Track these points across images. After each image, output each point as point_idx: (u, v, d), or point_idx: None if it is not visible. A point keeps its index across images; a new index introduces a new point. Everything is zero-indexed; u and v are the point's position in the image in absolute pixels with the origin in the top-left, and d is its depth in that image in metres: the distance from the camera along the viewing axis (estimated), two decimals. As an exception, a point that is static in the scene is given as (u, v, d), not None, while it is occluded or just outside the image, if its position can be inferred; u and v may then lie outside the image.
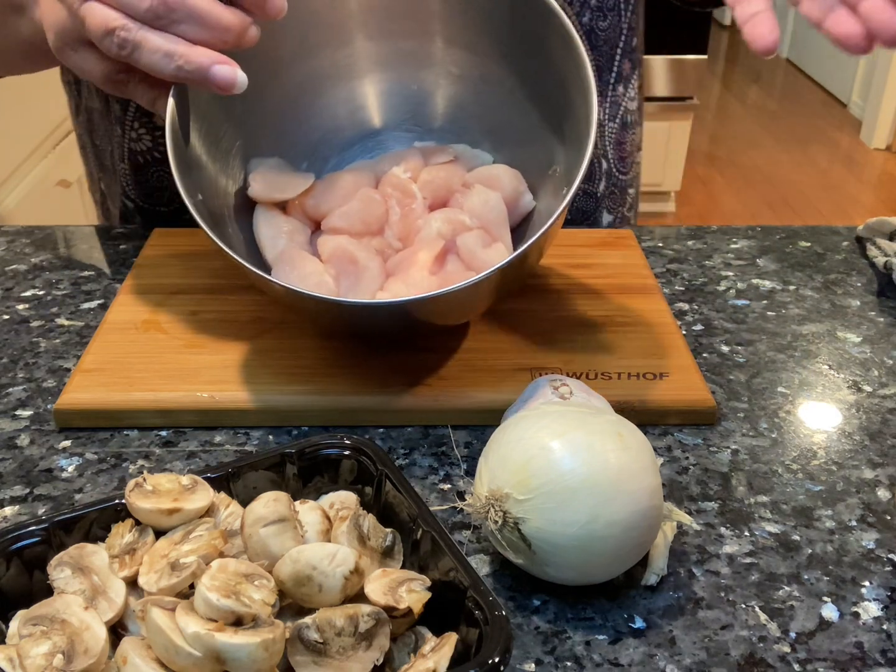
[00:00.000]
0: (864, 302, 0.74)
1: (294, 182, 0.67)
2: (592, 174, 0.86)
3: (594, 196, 0.87)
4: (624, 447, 0.45)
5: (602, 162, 0.86)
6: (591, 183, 0.86)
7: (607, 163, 0.86)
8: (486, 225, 0.64)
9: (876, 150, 3.61)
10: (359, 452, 0.48)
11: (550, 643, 0.45)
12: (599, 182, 0.87)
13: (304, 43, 0.67)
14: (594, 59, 0.82)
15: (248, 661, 0.36)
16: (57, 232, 0.83)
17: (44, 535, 0.43)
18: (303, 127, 0.70)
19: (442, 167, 0.68)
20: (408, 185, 0.67)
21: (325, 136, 0.71)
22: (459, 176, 0.67)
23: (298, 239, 0.65)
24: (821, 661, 0.45)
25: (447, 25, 0.68)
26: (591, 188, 0.87)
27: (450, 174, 0.67)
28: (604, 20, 0.80)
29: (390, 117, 0.72)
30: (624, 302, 0.69)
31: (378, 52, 0.70)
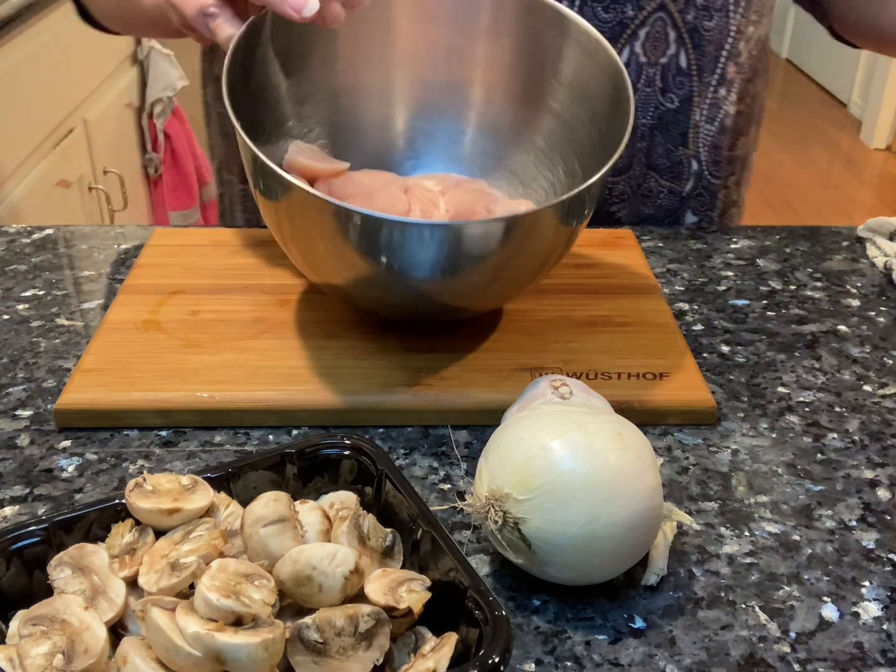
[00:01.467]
0: (864, 302, 0.74)
1: (330, 161, 0.69)
2: (680, 174, 0.86)
3: (679, 195, 0.87)
4: (624, 447, 0.45)
5: (692, 162, 0.85)
6: (677, 182, 0.86)
7: (698, 164, 0.86)
8: None
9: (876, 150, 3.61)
10: (359, 452, 0.48)
11: (550, 643, 0.45)
12: (687, 182, 0.86)
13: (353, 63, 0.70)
14: (696, 60, 0.81)
15: (248, 661, 0.36)
16: (57, 232, 0.83)
17: (44, 535, 0.43)
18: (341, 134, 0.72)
19: (470, 192, 0.69)
20: (434, 197, 0.68)
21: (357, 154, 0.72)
22: (485, 203, 0.68)
23: None
24: (821, 661, 0.45)
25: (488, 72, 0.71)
26: (678, 187, 0.86)
27: (476, 198, 0.68)
28: (710, 20, 0.80)
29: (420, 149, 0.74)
30: (624, 302, 0.69)
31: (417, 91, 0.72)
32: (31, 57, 1.61)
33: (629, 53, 0.79)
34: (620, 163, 0.83)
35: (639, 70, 0.80)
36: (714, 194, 0.88)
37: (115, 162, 1.96)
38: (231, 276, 0.72)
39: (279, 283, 0.70)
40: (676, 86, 0.82)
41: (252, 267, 0.73)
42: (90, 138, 1.86)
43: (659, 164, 0.85)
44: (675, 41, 0.80)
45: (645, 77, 0.81)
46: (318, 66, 0.70)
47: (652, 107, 0.82)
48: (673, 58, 0.81)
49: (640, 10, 0.78)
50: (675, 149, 0.85)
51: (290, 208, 0.57)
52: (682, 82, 0.82)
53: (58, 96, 1.74)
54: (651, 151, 0.84)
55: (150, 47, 2.12)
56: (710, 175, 0.87)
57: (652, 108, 0.82)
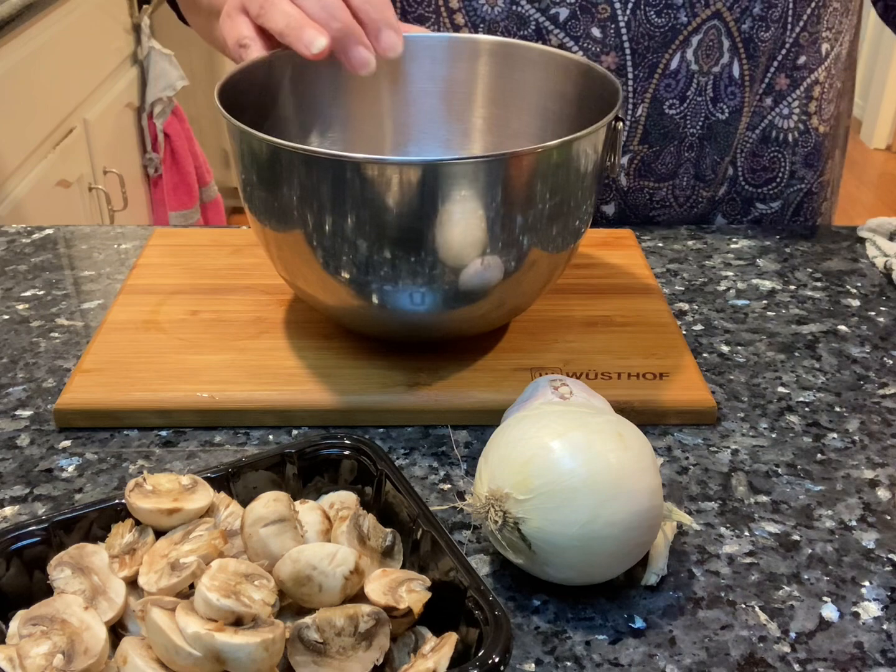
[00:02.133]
0: (864, 302, 0.74)
1: None
2: (719, 180, 0.86)
3: (712, 200, 0.87)
4: (624, 447, 0.45)
5: (728, 167, 0.85)
6: (708, 184, 0.85)
7: (734, 169, 0.85)
8: None
9: (876, 150, 3.61)
10: (359, 452, 0.48)
11: (550, 643, 0.45)
12: (720, 186, 0.86)
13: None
14: (749, 70, 0.80)
15: (248, 661, 0.36)
16: (57, 232, 0.83)
17: (44, 535, 0.43)
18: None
19: None
20: None
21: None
22: None
23: None
24: (821, 661, 0.45)
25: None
26: (714, 193, 0.86)
27: None
28: (766, 31, 0.79)
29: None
30: (624, 302, 0.69)
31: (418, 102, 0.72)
32: (31, 57, 1.61)
33: (680, 60, 0.78)
34: (663, 169, 0.83)
35: (689, 78, 0.80)
36: (749, 202, 0.88)
37: (115, 162, 1.96)
38: (231, 276, 0.72)
39: (279, 283, 0.70)
40: (728, 96, 0.81)
41: (252, 267, 0.73)
42: (90, 138, 1.86)
43: (706, 175, 0.85)
44: (728, 50, 0.79)
45: (696, 85, 0.80)
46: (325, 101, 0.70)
47: (702, 117, 0.82)
48: (726, 67, 0.80)
49: (693, 17, 0.77)
50: (722, 159, 0.84)
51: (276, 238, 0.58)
52: (733, 93, 0.81)
53: (58, 96, 1.74)
54: (700, 162, 0.83)
55: (150, 47, 2.12)
56: (746, 182, 0.86)
57: (702, 117, 0.82)
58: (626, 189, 0.84)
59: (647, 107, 0.80)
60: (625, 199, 0.85)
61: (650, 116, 0.81)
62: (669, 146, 0.82)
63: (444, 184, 0.52)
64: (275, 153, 0.54)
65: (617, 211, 0.86)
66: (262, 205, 0.57)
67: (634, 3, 0.76)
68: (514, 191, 0.54)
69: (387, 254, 0.54)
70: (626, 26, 0.77)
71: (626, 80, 0.79)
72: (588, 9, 0.76)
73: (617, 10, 0.76)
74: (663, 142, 0.82)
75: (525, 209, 0.55)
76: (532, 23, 0.77)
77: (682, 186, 0.84)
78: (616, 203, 0.85)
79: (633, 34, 0.77)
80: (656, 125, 0.81)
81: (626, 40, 0.77)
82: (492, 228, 0.54)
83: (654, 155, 0.83)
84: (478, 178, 0.52)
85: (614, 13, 0.76)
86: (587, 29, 0.77)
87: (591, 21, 0.77)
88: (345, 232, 0.54)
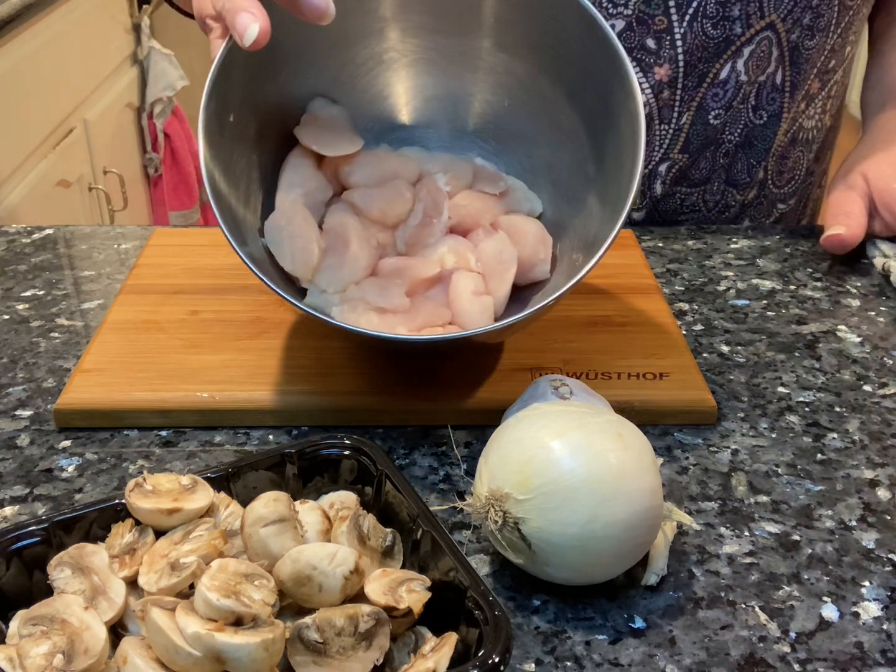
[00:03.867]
0: (864, 302, 0.74)
1: (341, 142, 0.65)
2: (749, 183, 0.86)
3: (741, 203, 0.87)
4: (624, 447, 0.45)
5: (759, 171, 0.85)
6: (739, 189, 0.85)
7: (764, 173, 0.85)
8: (488, 274, 0.62)
9: (876, 150, 3.60)
10: (359, 452, 0.48)
11: (550, 643, 0.45)
12: (751, 190, 0.86)
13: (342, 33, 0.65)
14: (790, 77, 0.80)
15: (248, 661, 0.36)
16: (57, 232, 0.83)
17: (44, 535, 0.43)
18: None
19: (480, 197, 0.66)
20: (440, 200, 0.65)
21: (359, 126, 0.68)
22: (493, 213, 0.65)
23: (316, 197, 0.64)
24: (821, 661, 0.45)
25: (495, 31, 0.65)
26: (744, 196, 0.86)
27: (484, 207, 0.65)
28: (811, 39, 0.79)
29: (425, 115, 0.69)
30: (624, 302, 0.69)
31: (418, 48, 0.67)
32: (31, 57, 1.61)
33: (730, 70, 0.78)
34: (697, 176, 0.82)
35: (737, 88, 0.79)
36: (773, 203, 0.88)
37: (115, 162, 1.96)
38: (231, 276, 0.72)
39: (279, 283, 0.70)
40: (768, 102, 0.81)
41: (252, 267, 0.73)
42: (90, 138, 1.86)
43: (739, 181, 0.84)
44: (776, 59, 0.79)
45: (741, 95, 0.80)
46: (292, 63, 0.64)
47: (741, 124, 0.81)
48: (770, 75, 0.80)
49: (748, 28, 0.77)
50: (758, 164, 0.84)
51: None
52: (773, 98, 0.81)
53: (58, 96, 1.74)
54: (732, 167, 0.83)
55: (150, 47, 2.12)
56: (773, 184, 0.87)
57: (741, 125, 0.81)
58: (660, 196, 0.84)
59: (691, 115, 0.80)
60: (657, 206, 0.85)
61: (693, 125, 0.80)
62: (706, 153, 0.82)
63: None
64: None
65: (647, 219, 0.86)
66: None
67: (692, 14, 0.75)
68: None
69: None
70: (681, 38, 0.76)
71: (675, 90, 0.78)
72: (644, 20, 0.75)
73: (674, 21, 0.75)
74: (702, 149, 0.82)
75: None
76: None
77: (712, 191, 0.84)
78: (647, 209, 0.85)
79: (689, 46, 0.77)
80: (698, 134, 0.81)
81: (680, 52, 0.77)
82: None
83: (691, 162, 0.82)
84: None
85: (671, 25, 0.76)
86: (642, 40, 0.76)
87: (646, 32, 0.76)
88: None
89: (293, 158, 0.65)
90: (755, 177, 0.85)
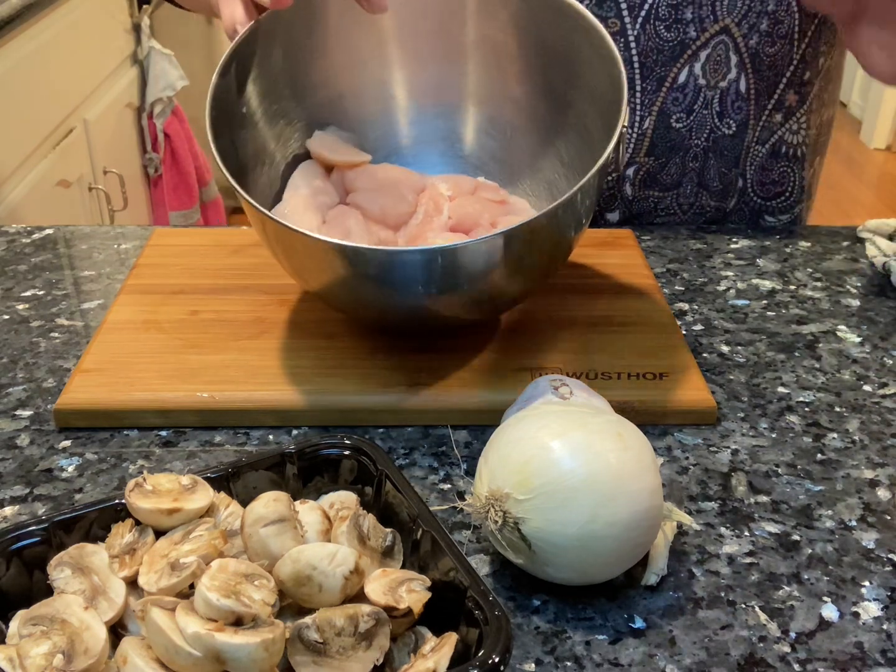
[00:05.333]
0: (864, 302, 0.74)
1: (350, 153, 0.69)
2: (727, 192, 0.86)
3: (723, 211, 0.87)
4: (624, 447, 0.45)
5: (738, 180, 0.86)
6: (723, 200, 0.86)
7: (743, 181, 0.86)
8: None
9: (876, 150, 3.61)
10: (359, 452, 0.48)
11: (550, 643, 0.45)
12: (731, 199, 0.87)
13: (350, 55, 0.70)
14: (755, 84, 0.81)
15: (248, 661, 0.36)
16: (57, 232, 0.83)
17: (44, 535, 0.43)
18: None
19: (481, 199, 0.68)
20: (441, 202, 0.68)
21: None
22: (491, 213, 0.68)
23: (322, 200, 0.66)
24: (821, 661, 0.45)
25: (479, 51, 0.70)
26: (723, 204, 0.87)
27: (484, 208, 0.68)
28: (772, 46, 0.79)
29: (421, 135, 0.73)
30: (624, 302, 0.69)
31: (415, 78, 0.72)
32: (31, 57, 1.61)
33: (688, 74, 0.79)
34: (668, 180, 0.83)
35: (697, 91, 0.80)
36: (757, 213, 0.88)
37: (115, 162, 1.96)
38: (231, 276, 0.72)
39: (279, 283, 0.70)
40: (734, 111, 0.82)
41: (252, 267, 0.73)
42: (90, 138, 1.86)
43: (710, 185, 0.85)
44: (736, 66, 0.80)
45: (702, 99, 0.80)
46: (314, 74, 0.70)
47: (707, 130, 0.82)
48: (733, 82, 0.80)
49: (702, 32, 0.77)
50: (729, 171, 0.85)
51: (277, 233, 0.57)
52: (740, 107, 0.82)
53: (58, 96, 1.74)
54: (704, 172, 0.84)
55: (150, 47, 2.12)
56: (755, 194, 0.87)
57: (707, 131, 0.82)
58: (631, 198, 0.85)
59: (654, 119, 0.81)
60: (630, 207, 0.86)
61: (657, 129, 0.81)
62: (675, 157, 0.83)
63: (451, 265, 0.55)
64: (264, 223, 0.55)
65: (621, 218, 0.86)
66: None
67: (644, 17, 0.76)
68: None
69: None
70: (635, 40, 0.77)
71: (634, 93, 0.79)
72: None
73: (627, 24, 0.77)
74: (669, 154, 0.83)
75: None
76: None
77: (685, 194, 0.85)
78: (621, 211, 0.86)
79: (643, 48, 0.78)
80: (663, 138, 0.82)
81: (634, 54, 0.78)
82: None
83: (659, 166, 0.83)
84: None
85: (624, 27, 0.77)
86: None
87: None
88: None
89: (303, 166, 0.68)
90: (732, 185, 0.86)
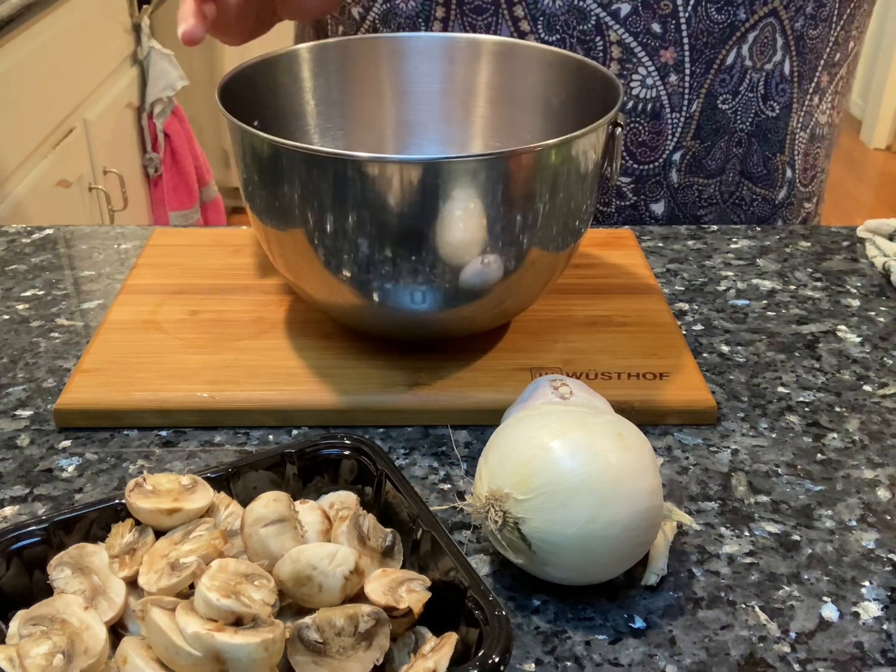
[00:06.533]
0: (864, 302, 0.74)
1: None
2: (774, 181, 0.86)
3: (772, 202, 0.88)
4: (624, 447, 0.45)
5: (787, 170, 0.86)
6: (771, 189, 0.87)
7: (792, 172, 0.86)
8: None
9: (876, 150, 3.61)
10: (359, 452, 0.48)
11: (550, 643, 0.45)
12: (780, 189, 0.87)
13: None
14: (798, 67, 0.82)
15: (248, 661, 0.36)
16: (57, 232, 0.83)
17: (44, 535, 0.43)
18: None
19: None
20: None
21: None
22: None
23: None
24: (821, 661, 0.45)
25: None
26: (771, 195, 0.87)
27: None
28: (814, 28, 0.80)
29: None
30: (624, 302, 0.69)
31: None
32: (31, 57, 1.61)
33: (735, 56, 0.80)
34: (713, 165, 0.84)
35: (743, 74, 0.81)
36: (801, 203, 0.89)
37: (115, 162, 1.96)
38: (231, 276, 0.72)
39: (279, 283, 0.70)
40: (778, 93, 0.82)
41: (252, 267, 0.73)
42: (90, 138, 1.86)
43: (754, 173, 0.85)
44: (781, 48, 0.81)
45: (748, 81, 0.81)
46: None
47: (752, 113, 0.83)
48: (778, 65, 0.81)
49: (752, 14, 0.78)
50: (773, 156, 0.85)
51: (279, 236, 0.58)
52: (784, 90, 0.82)
53: (58, 96, 1.74)
54: (747, 159, 0.84)
55: (150, 47, 2.12)
56: (801, 183, 0.88)
57: (752, 114, 0.83)
58: (677, 186, 0.85)
59: (701, 102, 0.81)
60: (675, 196, 0.86)
61: (704, 111, 0.82)
62: (720, 141, 0.83)
63: (444, 181, 0.52)
64: (276, 152, 0.54)
65: (666, 210, 0.86)
66: (262, 204, 0.57)
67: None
68: (514, 189, 0.54)
69: (388, 252, 0.55)
70: (686, 22, 0.78)
71: (683, 76, 0.80)
72: (650, 4, 0.77)
73: (679, 5, 0.77)
74: (714, 137, 0.83)
75: (525, 208, 0.55)
76: (592, 17, 0.77)
77: (727, 182, 0.85)
78: (666, 201, 0.86)
79: (693, 30, 0.78)
80: (709, 120, 0.82)
81: (685, 36, 0.78)
82: (492, 227, 0.54)
83: (705, 150, 0.84)
84: (478, 176, 0.52)
85: (676, 9, 0.77)
86: (647, 24, 0.78)
87: (651, 16, 0.77)
88: (346, 230, 0.54)
89: None
90: (778, 173, 0.86)
